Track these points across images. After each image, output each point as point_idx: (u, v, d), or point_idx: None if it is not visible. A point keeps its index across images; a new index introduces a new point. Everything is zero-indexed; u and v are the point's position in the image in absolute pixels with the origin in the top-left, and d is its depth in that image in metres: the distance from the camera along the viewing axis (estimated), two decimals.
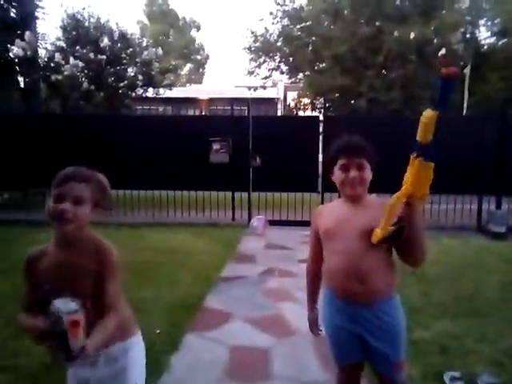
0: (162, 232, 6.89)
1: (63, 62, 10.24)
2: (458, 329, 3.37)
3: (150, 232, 6.89)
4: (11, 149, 7.97)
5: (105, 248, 1.48)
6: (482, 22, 15.35)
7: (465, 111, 13.62)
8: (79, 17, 11.32)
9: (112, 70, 10.94)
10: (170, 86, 14.11)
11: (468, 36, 14.71)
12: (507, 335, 3.29)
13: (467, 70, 13.90)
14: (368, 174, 1.76)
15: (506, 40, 14.96)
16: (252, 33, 15.75)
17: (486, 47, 15.56)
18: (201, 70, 41.76)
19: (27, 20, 10.85)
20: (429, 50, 11.98)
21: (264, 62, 15.77)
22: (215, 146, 7.93)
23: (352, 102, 12.40)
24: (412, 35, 11.10)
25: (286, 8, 14.91)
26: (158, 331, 3.28)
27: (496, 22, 15.23)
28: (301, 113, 16.55)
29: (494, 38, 15.83)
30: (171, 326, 3.42)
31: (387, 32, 11.42)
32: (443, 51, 11.25)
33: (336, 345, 1.90)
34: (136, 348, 1.64)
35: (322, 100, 14.43)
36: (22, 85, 11.78)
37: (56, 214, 1.40)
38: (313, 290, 2.05)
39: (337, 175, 1.79)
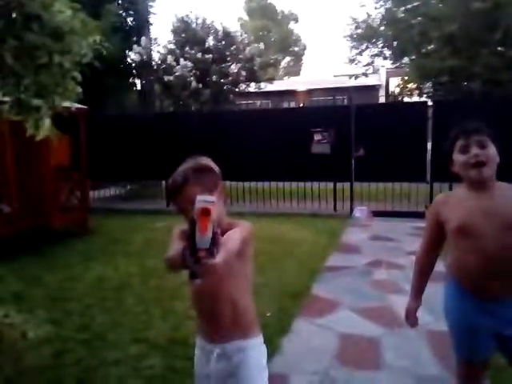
0: (265, 222, 7.12)
1: (174, 64, 11.02)
2: None
3: (254, 221, 7.12)
4: (131, 146, 8.84)
5: (237, 222, 1.48)
6: None
7: None
8: (187, 19, 12.06)
9: (217, 67, 11.49)
10: (270, 80, 14.41)
11: None
12: None
13: None
14: (493, 152, 1.61)
15: None
16: (353, 19, 15.32)
17: None
18: (299, 61, 41.74)
19: (142, 26, 11.89)
20: None
21: (366, 48, 15.27)
22: (317, 137, 7.95)
23: (464, 84, 11.47)
24: None
25: None
26: (269, 314, 3.46)
27: None
28: (406, 99, 15.74)
29: None
30: (280, 311, 3.57)
31: (505, 5, 10.31)
32: None
33: (467, 341, 1.79)
34: (255, 350, 1.53)
35: (429, 84, 13.55)
36: (138, 87, 12.99)
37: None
38: (421, 281, 1.93)
39: (457, 159, 1.66)
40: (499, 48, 11.64)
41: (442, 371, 2.63)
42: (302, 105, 22.02)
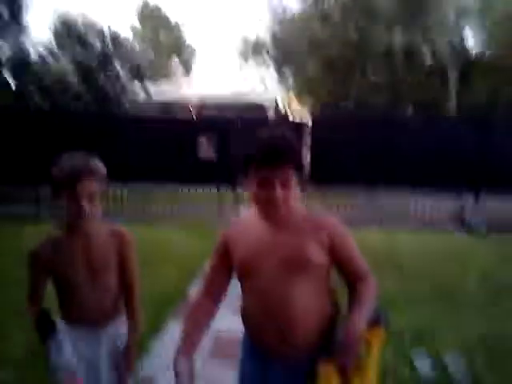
0: (148, 226, 6.90)
1: (53, 63, 10.28)
2: (432, 318, 3.47)
3: (135, 226, 6.85)
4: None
5: (119, 230, 1.65)
6: (469, 28, 15.65)
7: (451, 115, 13.86)
8: (71, 19, 11.37)
9: (103, 71, 10.98)
10: (160, 88, 14.21)
11: (455, 41, 14.99)
12: (479, 325, 3.39)
13: (454, 75, 14.17)
14: (297, 191, 1.26)
15: (491, 47, 15.26)
16: (244, 37, 15.96)
17: (472, 53, 15.86)
18: (192, 72, 41.88)
19: (16, 19, 10.89)
20: (416, 55, 12.24)
21: (255, 65, 15.98)
22: (204, 145, 8.05)
23: (341, 104, 12.61)
24: (399, 40, 11.36)
25: (277, 13, 15.14)
26: None
27: (482, 28, 15.54)
28: (291, 116, 16.73)
29: (481, 44, 16.13)
30: (153, 315, 3.45)
31: (375, 37, 11.68)
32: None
33: None
34: (123, 328, 1.73)
35: (311, 103, 14.64)
36: (12, 85, 11.80)
37: (78, 215, 1.46)
38: (193, 330, 1.37)
39: (251, 191, 1.27)
40: (370, 75, 13.07)
41: None
42: (192, 116, 22.02)
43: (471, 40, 15.86)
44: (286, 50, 14.48)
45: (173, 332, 3.19)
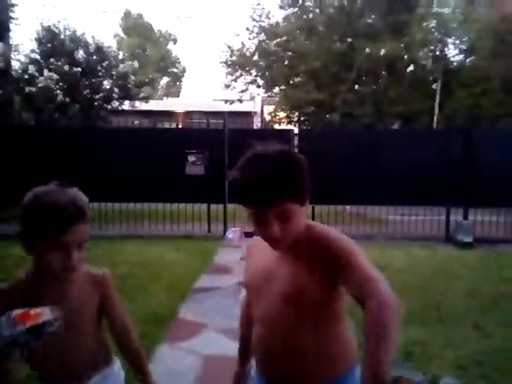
0: (137, 245, 6.85)
1: (37, 74, 10.17)
2: (423, 335, 3.49)
3: (125, 245, 6.83)
4: None
5: (99, 275, 1.41)
6: (450, 39, 15.94)
7: (435, 125, 14.07)
8: (54, 29, 11.28)
9: (87, 82, 10.90)
10: (146, 99, 14.15)
11: (437, 53, 15.26)
12: (471, 341, 3.43)
13: (437, 86, 14.42)
14: (296, 222, 1.13)
15: (473, 58, 15.56)
16: (228, 47, 15.98)
17: (454, 64, 16.16)
18: (178, 83, 41.87)
19: (0, 31, 10.75)
20: (399, 66, 12.45)
21: (240, 75, 16.00)
22: (191, 158, 7.98)
23: (326, 115, 12.73)
24: (382, 52, 11.53)
25: (262, 24, 15.24)
26: None
27: (464, 40, 15.85)
28: (277, 126, 16.81)
29: (463, 55, 16.44)
30: (143, 338, 3.40)
31: (359, 48, 11.84)
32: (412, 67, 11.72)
33: None
34: (116, 377, 1.48)
35: (297, 114, 14.73)
36: None
37: (65, 268, 1.22)
38: (245, 349, 1.50)
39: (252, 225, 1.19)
40: (355, 86, 13.22)
41: None
42: (178, 126, 21.99)
43: (453, 51, 16.17)
44: (271, 59, 14.59)
45: (164, 357, 3.15)
